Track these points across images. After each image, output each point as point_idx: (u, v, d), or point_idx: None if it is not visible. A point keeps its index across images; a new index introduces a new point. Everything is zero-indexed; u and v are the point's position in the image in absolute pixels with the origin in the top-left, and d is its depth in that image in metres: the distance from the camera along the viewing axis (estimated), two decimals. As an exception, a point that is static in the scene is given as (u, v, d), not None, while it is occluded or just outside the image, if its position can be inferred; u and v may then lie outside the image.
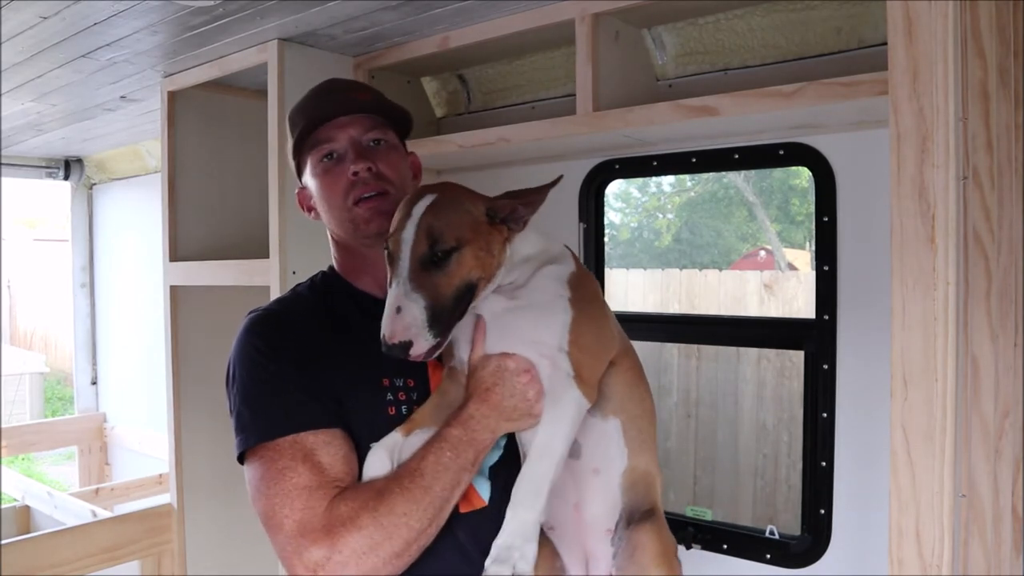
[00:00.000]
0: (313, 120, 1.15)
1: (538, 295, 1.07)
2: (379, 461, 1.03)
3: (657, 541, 1.08)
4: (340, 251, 1.25)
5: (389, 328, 0.96)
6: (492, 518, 1.03)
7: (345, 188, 1.15)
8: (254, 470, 1.05)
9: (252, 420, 1.07)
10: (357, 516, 0.97)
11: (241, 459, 1.08)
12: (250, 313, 1.18)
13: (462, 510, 1.08)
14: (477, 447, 1.03)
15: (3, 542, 2.14)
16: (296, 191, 1.26)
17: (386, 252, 1.02)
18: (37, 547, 2.23)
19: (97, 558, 2.32)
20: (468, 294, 1.01)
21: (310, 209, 1.24)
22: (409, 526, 0.98)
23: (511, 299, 1.08)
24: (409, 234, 0.99)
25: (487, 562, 0.96)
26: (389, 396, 1.11)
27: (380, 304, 1.04)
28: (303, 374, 1.08)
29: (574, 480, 1.10)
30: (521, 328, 1.06)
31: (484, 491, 1.11)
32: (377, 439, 1.06)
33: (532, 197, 1.03)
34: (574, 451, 1.08)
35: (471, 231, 1.01)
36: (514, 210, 1.04)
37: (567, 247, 1.16)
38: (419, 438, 1.04)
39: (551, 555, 1.10)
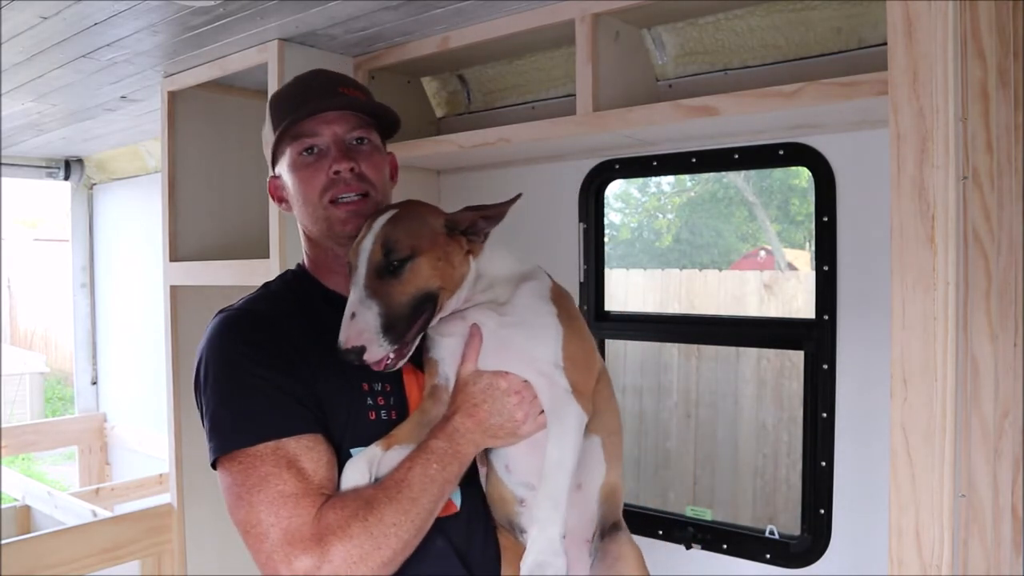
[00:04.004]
0: (299, 113, 1.11)
1: (526, 312, 1.09)
2: (358, 472, 1.02)
3: (633, 549, 1.13)
4: (311, 248, 1.21)
5: (344, 333, 0.99)
6: (464, 521, 1.10)
7: (324, 185, 1.12)
8: (232, 476, 1.00)
9: (231, 424, 1.02)
10: (348, 525, 0.96)
11: (215, 465, 1.04)
12: (220, 312, 1.13)
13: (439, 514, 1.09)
14: (461, 460, 1.04)
15: (3, 542, 2.14)
16: (268, 179, 1.22)
17: (348, 263, 1.04)
18: (37, 547, 2.23)
19: (97, 558, 2.32)
20: (426, 303, 1.03)
21: (281, 200, 1.20)
22: (398, 536, 0.97)
23: (501, 315, 1.09)
24: (367, 244, 1.03)
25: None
26: (369, 400, 1.09)
27: None
28: (284, 376, 1.04)
29: None
30: (516, 345, 1.07)
31: (456, 497, 1.12)
32: (359, 444, 1.05)
33: (492, 211, 1.07)
34: None
35: (428, 241, 1.04)
36: (473, 223, 1.07)
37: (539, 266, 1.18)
38: (398, 454, 1.05)
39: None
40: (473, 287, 1.09)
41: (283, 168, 1.16)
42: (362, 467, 1.03)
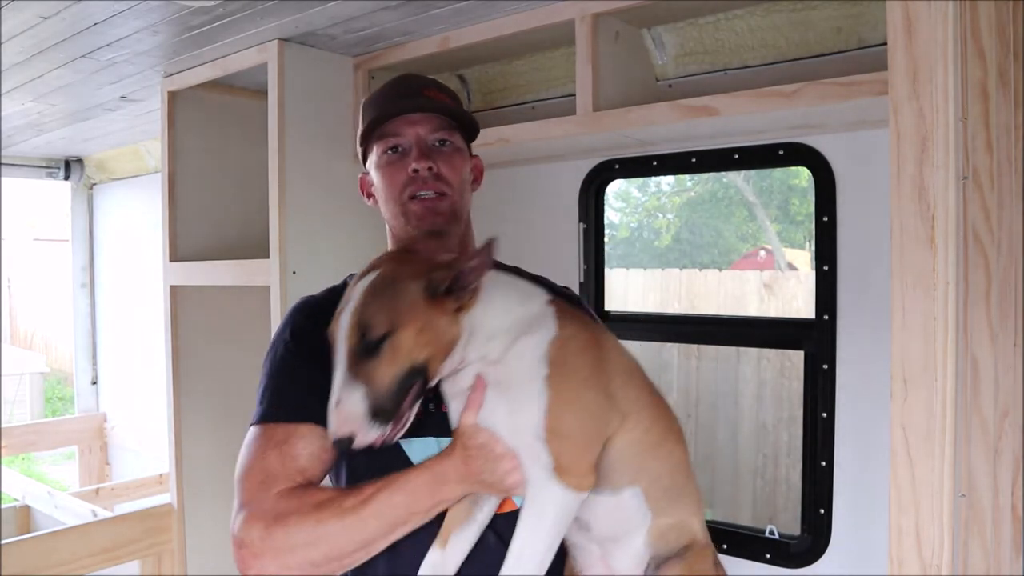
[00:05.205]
0: (384, 113, 1.18)
1: (514, 375, 1.00)
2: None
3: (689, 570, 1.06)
4: (393, 244, 1.26)
5: (331, 422, 0.94)
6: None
7: (403, 183, 1.17)
8: (248, 436, 1.11)
9: (259, 399, 1.13)
10: (291, 516, 1.00)
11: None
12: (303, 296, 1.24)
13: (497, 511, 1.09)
14: (440, 500, 1.02)
15: (3, 542, 2.14)
16: (360, 176, 1.29)
17: (329, 337, 0.99)
18: (37, 547, 2.23)
19: (97, 558, 2.32)
20: (415, 377, 0.96)
21: (369, 195, 1.27)
22: (332, 544, 0.99)
23: (490, 377, 1.01)
24: (345, 321, 0.96)
25: None
26: None
27: None
28: (309, 366, 1.09)
29: (592, 543, 1.08)
30: (500, 413, 1.00)
31: (517, 498, 1.10)
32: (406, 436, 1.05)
33: (474, 263, 0.96)
34: (582, 525, 1.05)
35: (407, 313, 0.95)
36: (455, 280, 0.97)
37: (560, 293, 1.11)
38: (459, 544, 1.03)
39: None
40: (467, 347, 0.99)
41: (371, 165, 1.23)
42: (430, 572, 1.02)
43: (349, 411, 0.93)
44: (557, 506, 0.97)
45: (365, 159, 1.25)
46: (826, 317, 1.67)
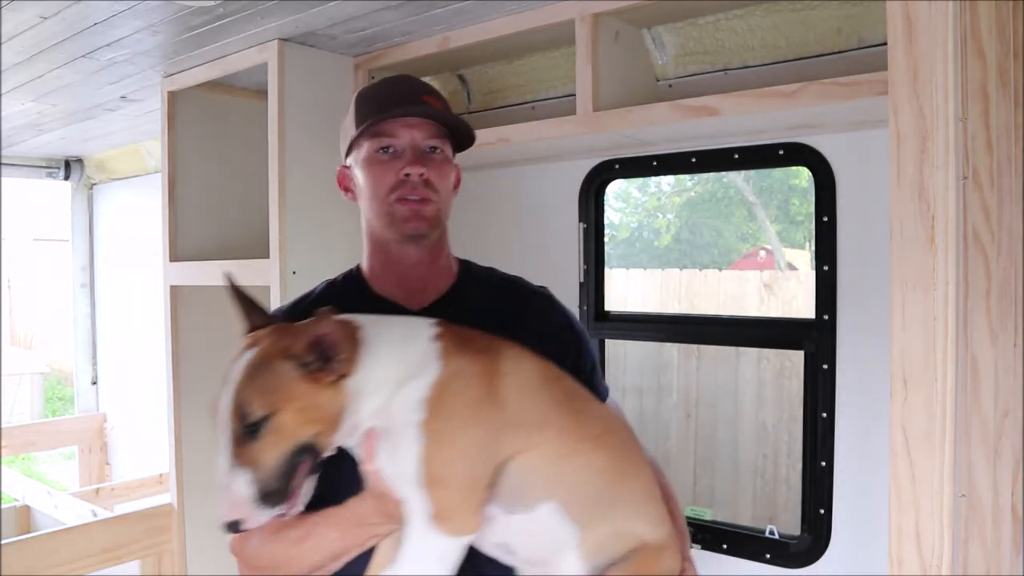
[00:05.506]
0: (384, 112, 1.16)
1: (394, 423, 0.97)
2: None
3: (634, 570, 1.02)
4: (370, 246, 1.24)
5: (220, 506, 0.92)
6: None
7: (392, 185, 1.16)
8: None
9: None
10: (254, 538, 1.04)
11: None
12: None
13: None
14: (368, 535, 1.03)
15: (3, 542, 2.14)
16: (339, 168, 1.26)
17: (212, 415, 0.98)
18: (37, 547, 2.23)
19: (97, 558, 2.32)
20: (303, 454, 0.94)
21: (347, 190, 1.26)
22: (287, 569, 1.03)
23: (378, 427, 0.99)
24: (224, 404, 0.93)
25: None
26: None
27: (398, 311, 1.13)
28: None
29: (526, 565, 1.05)
30: (384, 461, 0.98)
31: None
32: None
33: (329, 340, 0.93)
34: (507, 550, 1.03)
35: (284, 394, 0.92)
36: (321, 355, 0.93)
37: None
38: None
39: None
40: (358, 408, 0.96)
41: (356, 160, 1.21)
42: None
43: (236, 496, 0.91)
44: (438, 553, 0.95)
45: (349, 152, 1.23)
46: (826, 317, 1.67)
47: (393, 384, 0.97)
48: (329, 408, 0.94)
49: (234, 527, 0.93)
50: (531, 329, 1.14)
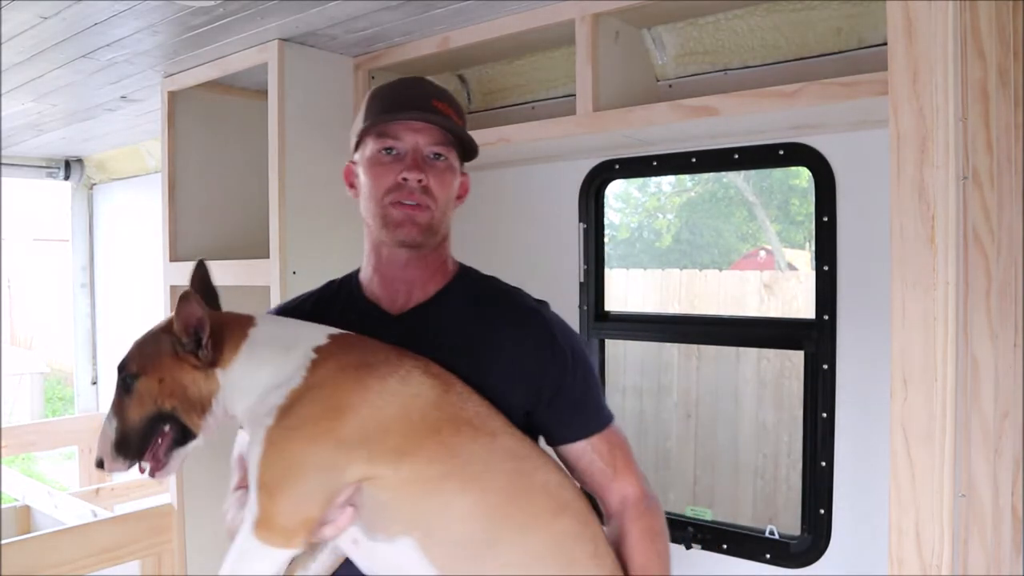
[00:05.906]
0: (390, 112, 1.16)
1: (254, 424, 1.00)
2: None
3: None
4: (367, 247, 1.24)
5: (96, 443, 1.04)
6: None
7: (389, 187, 1.15)
8: None
9: None
10: None
11: None
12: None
13: None
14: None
15: (3, 542, 2.14)
16: (347, 163, 1.26)
17: None
18: (37, 547, 2.23)
19: (97, 558, 2.31)
20: (163, 422, 1.03)
21: (352, 186, 1.25)
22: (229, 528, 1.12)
23: (248, 429, 1.04)
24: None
25: None
26: None
27: (386, 317, 1.15)
28: None
29: None
30: (247, 459, 1.01)
31: None
32: None
33: (185, 324, 1.03)
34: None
35: (151, 362, 1.03)
36: (197, 340, 1.02)
37: (328, 338, 1.05)
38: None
39: None
40: (231, 402, 1.02)
41: (361, 158, 1.21)
42: None
43: (102, 438, 1.04)
44: (256, 558, 0.96)
45: (356, 149, 1.23)
46: (826, 317, 1.67)
47: (265, 388, 1.01)
48: (192, 389, 1.02)
49: (99, 464, 1.04)
50: (506, 344, 1.13)
